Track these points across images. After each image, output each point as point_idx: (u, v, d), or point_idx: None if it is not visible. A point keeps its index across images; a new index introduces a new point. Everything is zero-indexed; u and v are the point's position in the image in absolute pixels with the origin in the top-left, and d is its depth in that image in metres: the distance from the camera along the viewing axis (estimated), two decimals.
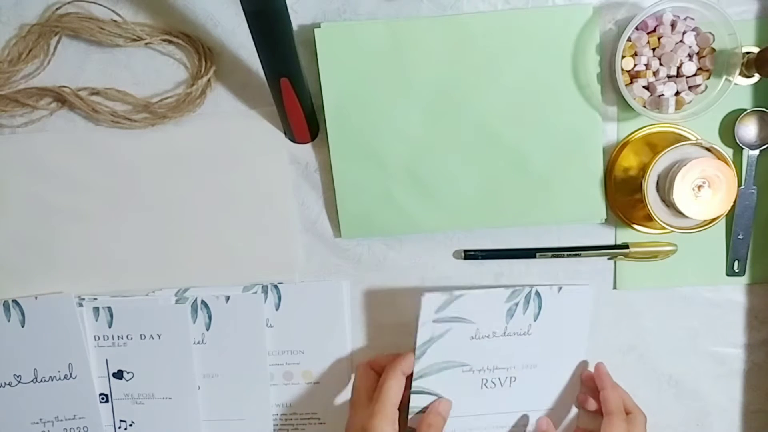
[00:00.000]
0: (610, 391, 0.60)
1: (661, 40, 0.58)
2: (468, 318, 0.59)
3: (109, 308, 0.62)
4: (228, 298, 0.62)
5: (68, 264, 0.63)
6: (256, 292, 0.63)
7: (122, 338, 0.63)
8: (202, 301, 0.63)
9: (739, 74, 0.58)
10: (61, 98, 0.61)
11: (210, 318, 0.63)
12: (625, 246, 0.62)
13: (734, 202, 0.57)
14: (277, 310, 0.63)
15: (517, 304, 0.59)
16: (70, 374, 0.63)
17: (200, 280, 0.63)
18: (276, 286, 0.63)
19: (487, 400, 0.61)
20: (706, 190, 0.56)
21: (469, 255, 0.62)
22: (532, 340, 0.60)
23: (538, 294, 0.60)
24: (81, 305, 0.63)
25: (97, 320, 0.63)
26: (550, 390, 0.62)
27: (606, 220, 0.61)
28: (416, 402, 0.60)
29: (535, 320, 0.60)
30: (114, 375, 0.64)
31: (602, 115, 0.60)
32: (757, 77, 0.59)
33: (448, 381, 0.60)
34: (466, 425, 0.61)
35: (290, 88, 0.53)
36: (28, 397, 0.63)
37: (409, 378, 0.59)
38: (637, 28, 0.57)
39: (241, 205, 0.62)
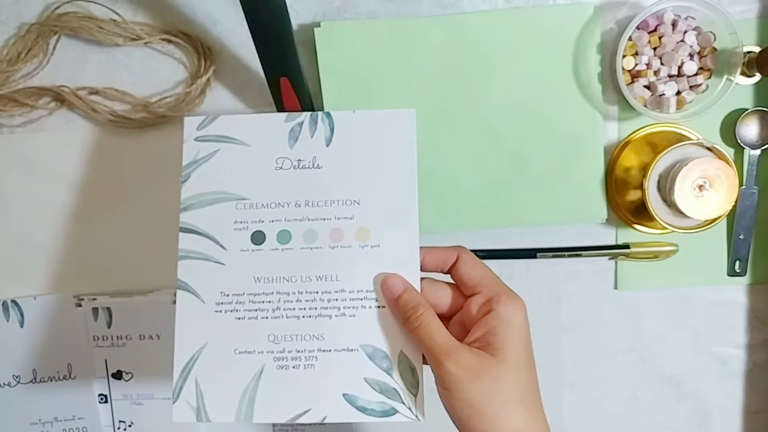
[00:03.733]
0: (480, 265, 0.44)
1: (662, 39, 0.57)
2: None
3: (108, 308, 0.62)
4: None
5: (67, 264, 0.63)
6: None
7: (121, 338, 0.63)
8: None
9: (741, 74, 0.58)
10: (60, 98, 0.60)
11: None
12: (626, 246, 0.62)
13: (735, 202, 0.57)
14: None
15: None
16: (69, 375, 0.63)
17: None
18: None
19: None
20: (707, 190, 0.55)
21: None
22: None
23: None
24: (80, 305, 0.62)
25: (96, 320, 0.62)
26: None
27: (607, 220, 0.61)
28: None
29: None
30: (113, 375, 0.63)
31: (603, 114, 0.60)
32: (758, 77, 0.59)
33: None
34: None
35: (290, 87, 0.53)
36: (27, 397, 0.63)
37: None
38: (638, 28, 0.57)
39: None
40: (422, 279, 0.44)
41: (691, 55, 0.58)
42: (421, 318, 0.41)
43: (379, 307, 0.44)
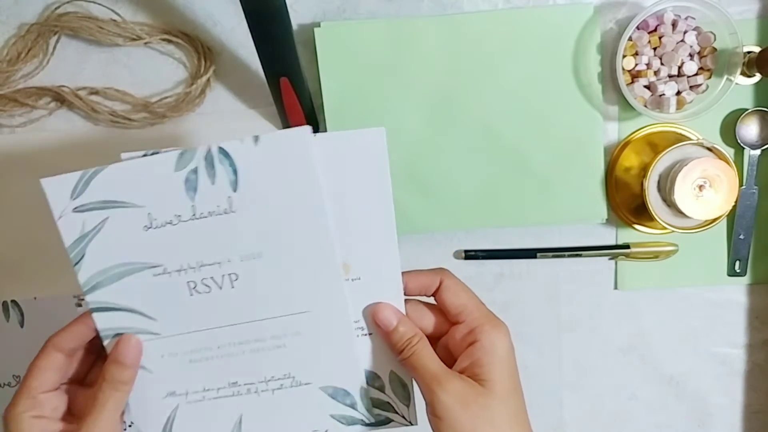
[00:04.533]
0: (463, 291, 0.43)
1: (662, 39, 0.57)
2: (128, 201, 0.42)
3: None
4: None
5: (67, 264, 0.62)
6: None
7: None
8: None
9: (741, 74, 0.58)
10: (60, 98, 0.60)
11: None
12: (626, 246, 0.62)
13: (735, 202, 0.57)
14: None
15: (196, 171, 0.41)
16: None
17: None
18: None
19: (207, 310, 0.43)
20: (707, 190, 0.55)
21: (470, 255, 0.62)
22: (239, 218, 0.42)
23: (223, 152, 0.41)
24: (80, 305, 0.62)
25: None
26: (294, 286, 0.43)
27: (607, 220, 0.61)
28: (104, 323, 0.43)
29: (234, 190, 0.41)
30: None
31: (603, 114, 0.60)
32: (758, 77, 0.59)
33: (138, 291, 0.43)
34: (190, 346, 0.43)
35: (290, 87, 0.53)
36: None
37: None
38: (638, 28, 0.57)
39: None
40: (407, 302, 0.44)
41: (691, 55, 0.58)
42: (415, 348, 0.42)
43: (367, 334, 0.44)
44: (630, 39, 0.57)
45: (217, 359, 0.44)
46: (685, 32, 0.58)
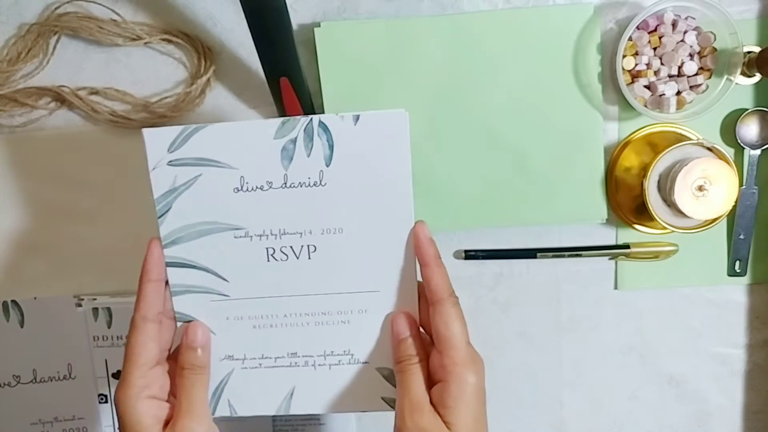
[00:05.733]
0: (435, 269, 0.44)
1: (662, 39, 0.57)
2: (224, 161, 0.43)
3: (108, 309, 0.62)
4: None
5: (67, 264, 0.63)
6: None
7: (121, 339, 0.63)
8: None
9: (741, 74, 0.58)
10: (60, 98, 0.60)
11: None
12: (626, 246, 0.62)
13: (735, 202, 0.57)
14: None
15: (294, 141, 0.42)
16: (70, 375, 0.63)
17: None
18: None
19: (280, 277, 0.44)
20: (707, 190, 0.55)
21: (470, 255, 0.62)
22: (328, 192, 0.43)
23: (324, 126, 0.42)
24: (80, 305, 0.62)
25: (96, 320, 0.62)
26: (369, 264, 0.44)
27: (607, 220, 0.61)
28: (176, 278, 0.45)
29: (327, 164, 0.43)
30: (113, 375, 0.63)
31: (603, 114, 0.60)
32: (758, 77, 0.59)
33: (216, 251, 0.44)
34: (257, 311, 0.45)
35: (290, 87, 0.53)
36: (27, 397, 0.63)
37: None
38: (638, 28, 0.57)
39: None
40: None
41: (691, 55, 0.58)
42: (409, 368, 0.43)
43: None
44: (630, 39, 0.57)
45: (281, 328, 0.45)
46: (685, 32, 0.58)
